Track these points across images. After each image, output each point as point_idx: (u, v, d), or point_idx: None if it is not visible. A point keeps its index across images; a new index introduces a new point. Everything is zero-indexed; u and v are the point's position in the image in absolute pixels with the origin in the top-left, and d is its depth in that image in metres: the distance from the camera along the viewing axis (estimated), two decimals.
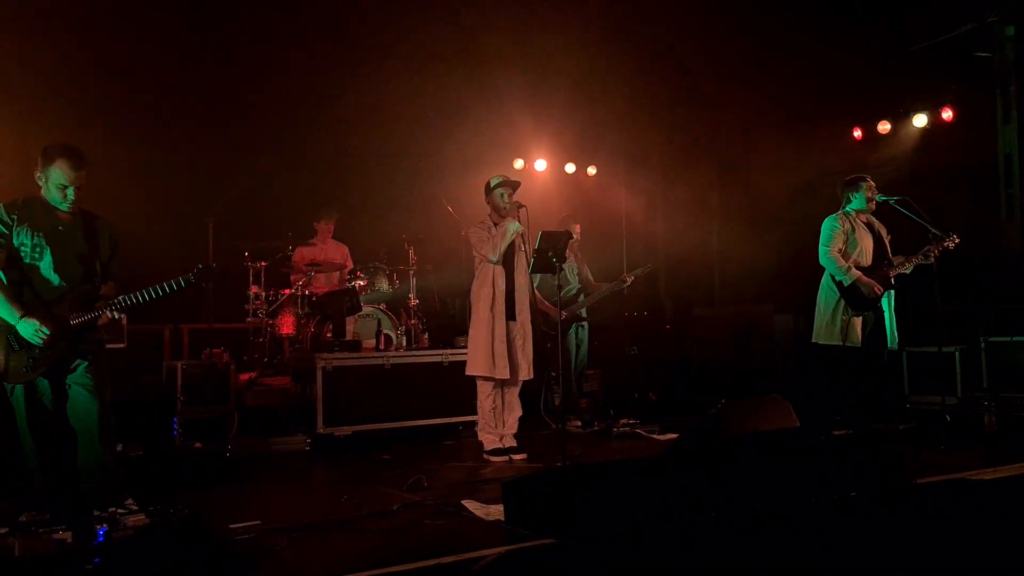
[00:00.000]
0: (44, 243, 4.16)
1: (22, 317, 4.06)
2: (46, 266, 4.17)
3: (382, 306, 7.56)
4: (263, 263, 7.73)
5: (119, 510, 4.05)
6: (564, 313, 6.97)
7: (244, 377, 7.07)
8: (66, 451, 4.20)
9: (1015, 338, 7.35)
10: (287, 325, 7.49)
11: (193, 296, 5.86)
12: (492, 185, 6.05)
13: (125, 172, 6.80)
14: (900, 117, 8.78)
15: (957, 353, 7.52)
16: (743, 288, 10.07)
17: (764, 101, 9.09)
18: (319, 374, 6.45)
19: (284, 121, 8.37)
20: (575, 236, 7.32)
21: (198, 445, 6.31)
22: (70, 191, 4.17)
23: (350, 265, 8.03)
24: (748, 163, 9.70)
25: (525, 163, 9.77)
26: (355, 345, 6.92)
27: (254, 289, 7.65)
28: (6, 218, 4.14)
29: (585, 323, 7.41)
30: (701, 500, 3.97)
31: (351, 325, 7.29)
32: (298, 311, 7.49)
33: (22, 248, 4.15)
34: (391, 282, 7.82)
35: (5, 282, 4.11)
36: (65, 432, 4.19)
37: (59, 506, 4.06)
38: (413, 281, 7.70)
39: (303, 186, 8.62)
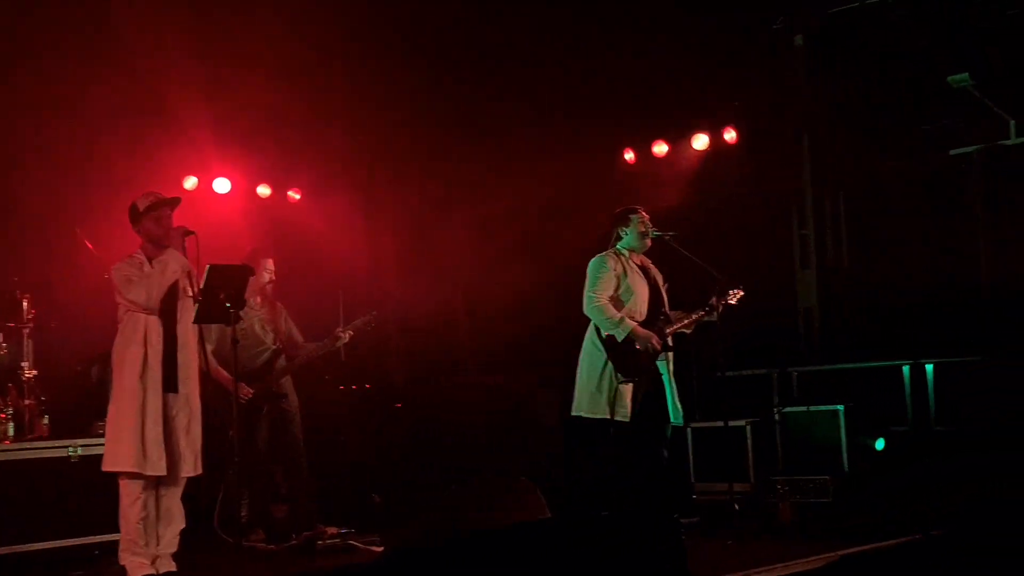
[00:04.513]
0: None
1: None
2: None
3: None
4: None
5: None
6: (249, 390, 6.99)
7: None
8: None
9: (812, 408, 8.09)
10: None
11: None
12: (142, 208, 5.92)
13: None
14: (678, 137, 9.53)
15: (748, 428, 8.13)
16: (499, 353, 10.34)
17: (512, 116, 9.53)
18: None
19: None
20: (269, 276, 7.28)
21: None
22: None
23: None
24: (497, 194, 10.04)
25: (200, 181, 9.53)
26: None
27: None
28: None
29: (286, 397, 7.34)
30: None
31: None
32: None
33: None
34: None
35: None
36: None
37: None
38: (29, 344, 7.23)
39: None
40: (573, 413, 6.60)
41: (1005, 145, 8.78)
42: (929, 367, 8.34)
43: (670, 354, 6.64)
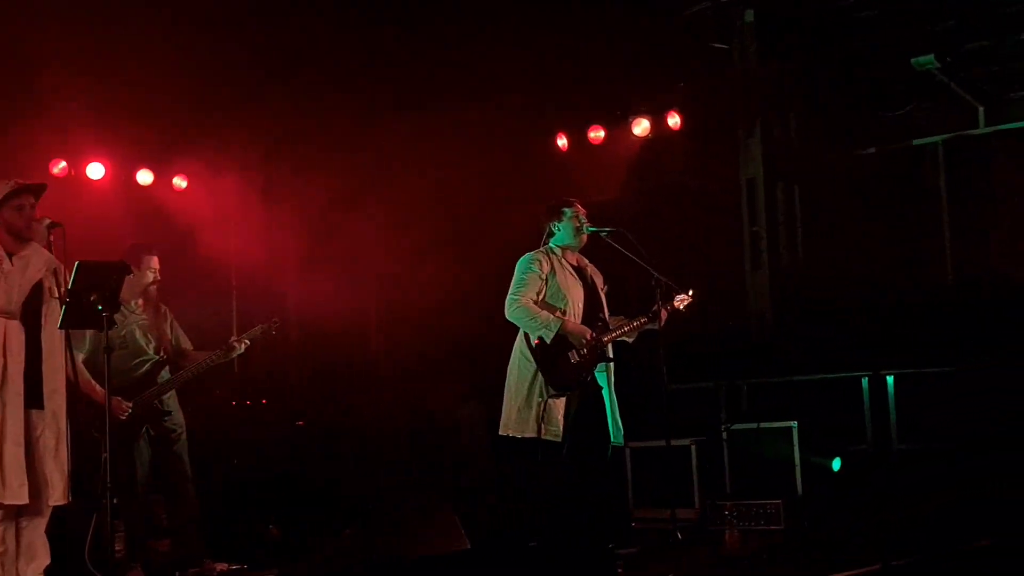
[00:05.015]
0: None
1: None
2: None
3: None
4: None
5: None
6: (127, 405, 6.90)
7: None
8: None
9: (763, 425, 8.13)
10: None
11: None
12: (0, 196, 5.72)
13: None
14: (616, 122, 9.53)
15: (692, 447, 8.17)
16: (417, 362, 10.28)
17: (433, 96, 9.49)
18: None
19: None
20: (152, 275, 7.17)
21: None
22: None
23: None
24: (415, 184, 10.01)
25: (69, 165, 9.38)
26: None
27: None
28: None
29: (170, 414, 7.23)
30: None
31: None
32: None
33: None
34: None
35: None
36: None
37: None
38: None
39: None
40: (500, 432, 6.57)
41: (973, 135, 8.92)
42: (890, 379, 8.46)
43: (611, 365, 6.65)
